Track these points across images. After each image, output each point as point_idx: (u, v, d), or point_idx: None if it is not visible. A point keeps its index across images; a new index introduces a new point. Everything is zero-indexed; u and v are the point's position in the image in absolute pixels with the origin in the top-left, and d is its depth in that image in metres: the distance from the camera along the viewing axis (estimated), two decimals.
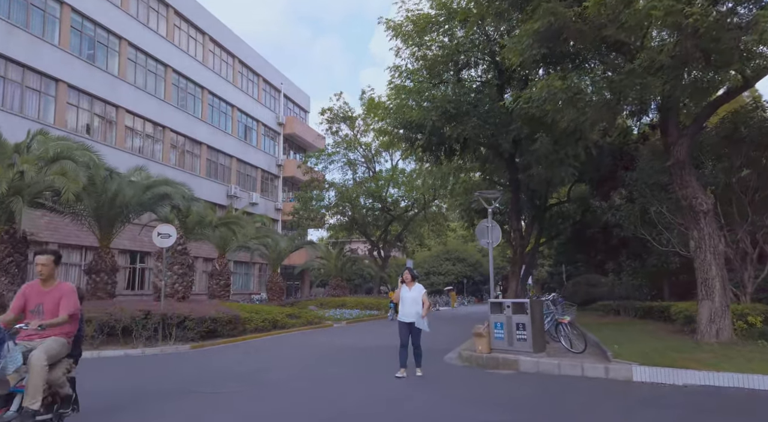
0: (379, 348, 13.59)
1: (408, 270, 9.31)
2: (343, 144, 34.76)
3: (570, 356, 10.44)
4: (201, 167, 33.52)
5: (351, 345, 14.36)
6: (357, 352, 12.92)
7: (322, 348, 13.92)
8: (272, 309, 19.20)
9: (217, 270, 24.15)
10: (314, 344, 14.75)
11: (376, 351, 12.96)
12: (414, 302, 9.03)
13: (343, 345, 14.38)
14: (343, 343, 14.81)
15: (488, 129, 16.97)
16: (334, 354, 12.55)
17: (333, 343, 14.84)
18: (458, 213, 34.26)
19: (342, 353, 12.85)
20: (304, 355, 12.38)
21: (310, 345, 14.56)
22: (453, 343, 14.46)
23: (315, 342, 15.15)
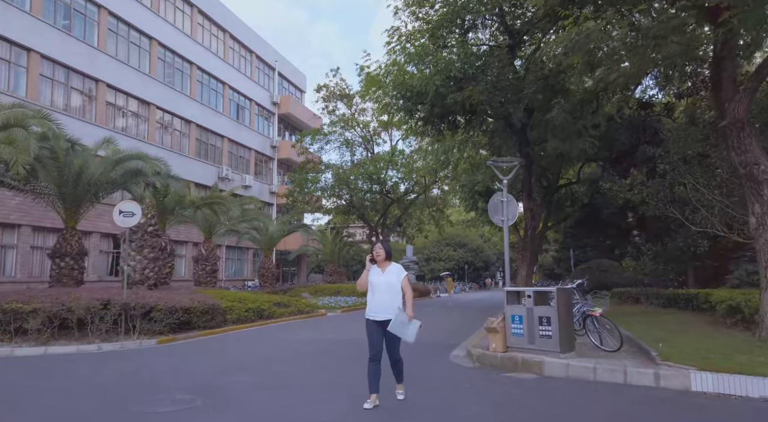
0: None
1: (380, 244, 6.30)
2: (339, 123, 32.61)
3: (604, 356, 8.51)
4: (190, 147, 31.47)
5: (342, 339, 12.45)
6: (347, 349, 11.01)
7: (308, 343, 12.01)
8: (259, 297, 17.29)
9: (203, 255, 22.23)
10: (300, 338, 12.84)
11: None
12: (389, 290, 6.06)
13: (334, 340, 12.47)
14: (333, 337, 12.89)
15: (498, 96, 14.93)
16: (320, 351, 10.64)
17: (322, 337, 12.92)
18: (460, 196, 32.28)
19: (330, 349, 10.94)
20: (285, 352, 10.46)
21: (295, 339, 12.65)
22: (459, 336, 12.56)
23: (302, 336, 13.24)
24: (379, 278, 6.11)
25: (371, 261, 6.19)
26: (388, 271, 6.16)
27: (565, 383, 7.46)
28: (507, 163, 10.75)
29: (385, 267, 6.18)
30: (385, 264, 6.19)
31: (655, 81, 17.68)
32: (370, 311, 6.13)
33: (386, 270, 6.16)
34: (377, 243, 6.33)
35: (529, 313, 8.62)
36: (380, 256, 6.16)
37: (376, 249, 6.21)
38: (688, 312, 15.06)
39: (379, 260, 6.17)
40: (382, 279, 6.09)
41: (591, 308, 9.24)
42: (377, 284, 6.08)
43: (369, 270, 6.17)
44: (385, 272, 6.15)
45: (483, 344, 10.26)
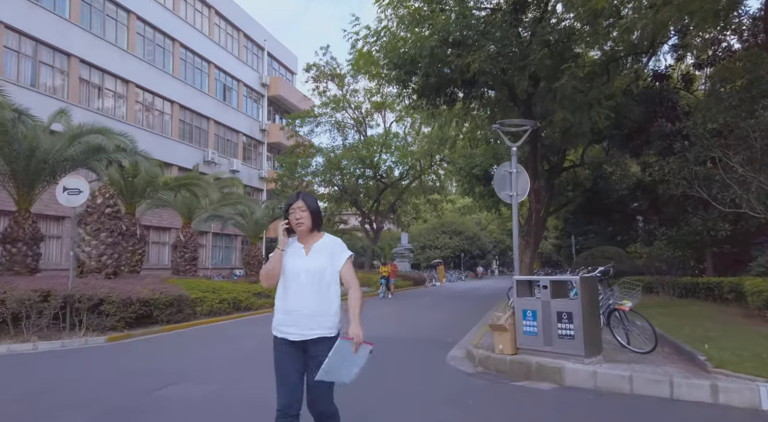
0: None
1: (302, 199, 3.33)
2: (330, 104, 30.73)
3: (637, 361, 6.88)
4: (173, 129, 29.59)
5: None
6: None
7: None
8: (237, 286, 15.61)
9: (182, 241, 20.48)
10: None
11: None
12: (317, 284, 3.27)
13: None
14: None
15: (501, 62, 13.17)
16: None
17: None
18: (457, 180, 30.62)
19: None
20: (252, 352, 8.79)
21: (270, 334, 10.94)
22: (457, 332, 10.92)
23: None
24: (298, 262, 3.28)
25: (287, 231, 3.32)
26: (317, 249, 3.31)
27: (593, 397, 5.82)
28: (516, 128, 9.03)
29: (312, 243, 3.33)
30: (310, 238, 3.34)
31: (672, 50, 15.96)
32: (281, 322, 3.31)
33: (313, 248, 3.31)
34: (297, 197, 3.36)
35: (545, 308, 6.95)
36: (302, 224, 3.27)
37: (295, 212, 3.29)
38: (710, 303, 13.48)
39: (300, 229, 3.30)
40: (304, 265, 3.26)
41: (618, 301, 7.57)
42: (294, 273, 3.26)
43: (281, 249, 3.29)
44: (310, 252, 3.30)
45: (486, 343, 8.61)
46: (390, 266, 23.28)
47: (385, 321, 13.70)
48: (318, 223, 3.37)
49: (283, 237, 3.31)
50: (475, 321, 13.21)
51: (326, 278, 3.28)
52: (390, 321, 13.71)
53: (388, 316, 14.84)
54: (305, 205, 3.31)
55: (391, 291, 22.99)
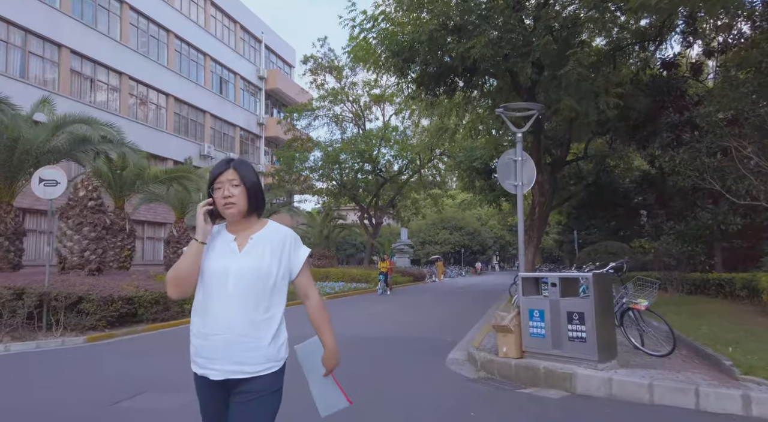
0: (354, 341, 9.42)
1: (233, 167, 2.21)
2: (328, 97, 30.03)
3: (655, 365, 6.26)
4: (168, 122, 28.94)
5: (303, 336, 10.15)
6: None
7: None
8: None
9: (174, 236, 19.86)
10: None
11: (346, 350, 8.78)
12: (248, 291, 2.18)
13: (302, 337, 10.14)
14: (302, 332, 10.58)
15: (503, 48, 12.50)
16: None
17: (292, 334, 10.60)
18: (458, 175, 29.96)
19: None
20: None
21: None
22: (457, 331, 10.30)
23: None
24: (225, 262, 2.22)
25: (210, 215, 2.25)
26: (256, 243, 2.26)
27: (609, 407, 5.20)
28: (521, 112, 8.37)
29: (249, 234, 2.27)
30: (246, 226, 2.29)
31: (681, 36, 15.28)
32: (198, 351, 2.26)
33: (250, 240, 2.26)
34: (227, 164, 2.25)
35: (553, 307, 6.32)
36: (233, 205, 2.20)
37: (224, 187, 2.21)
38: (721, 300, 12.85)
39: (229, 212, 2.22)
40: (234, 266, 2.20)
41: (633, 299, 6.95)
42: (218, 277, 2.20)
43: (201, 242, 2.23)
44: (246, 246, 2.25)
45: (489, 345, 8.00)
46: (387, 262, 22.65)
47: (382, 319, 13.09)
48: (258, 205, 2.27)
49: (205, 225, 2.20)
50: (477, 319, 12.61)
51: (267, 286, 2.21)
52: (387, 319, 13.11)
53: (386, 314, 14.23)
54: (239, 177, 2.19)
55: (389, 288, 22.39)
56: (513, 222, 52.39)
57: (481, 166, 24.98)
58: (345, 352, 6.61)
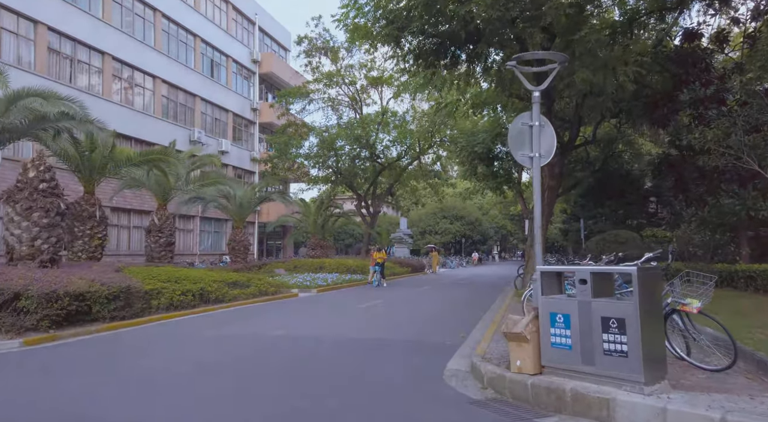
0: (336, 346, 7.98)
1: None
2: (322, 79, 28.36)
3: (713, 384, 4.79)
4: (156, 106, 27.36)
5: (291, 336, 8.72)
6: (288, 353, 7.30)
7: (240, 343, 8.28)
8: (208, 275, 13.54)
9: (156, 225, 18.40)
10: (234, 334, 9.08)
11: (323, 361, 7.38)
12: None
13: (279, 338, 8.71)
14: (283, 333, 9.13)
15: (510, 9, 10.93)
16: (241, 361, 6.89)
17: (266, 333, 9.14)
18: (458, 161, 28.45)
19: (261, 357, 7.21)
20: (188, 365, 6.72)
21: (227, 336, 8.89)
22: (456, 332, 8.82)
23: (241, 330, 9.49)
24: None
25: None
26: None
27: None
28: (538, 67, 6.82)
29: None
30: None
31: (704, 3, 13.68)
32: None
33: None
34: None
35: (583, 311, 4.83)
36: None
37: None
38: (751, 294, 11.40)
39: None
40: None
41: (681, 299, 5.46)
42: None
43: None
44: None
45: (496, 352, 6.55)
46: (383, 252, 21.14)
47: (374, 316, 11.63)
48: None
49: None
50: (479, 315, 11.16)
51: None
52: (379, 316, 11.65)
53: (378, 310, 12.77)
54: None
55: (384, 279, 20.95)
56: (515, 212, 50.85)
57: (483, 150, 23.46)
58: (322, 364, 5.18)
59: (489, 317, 10.95)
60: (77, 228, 14.10)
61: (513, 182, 26.69)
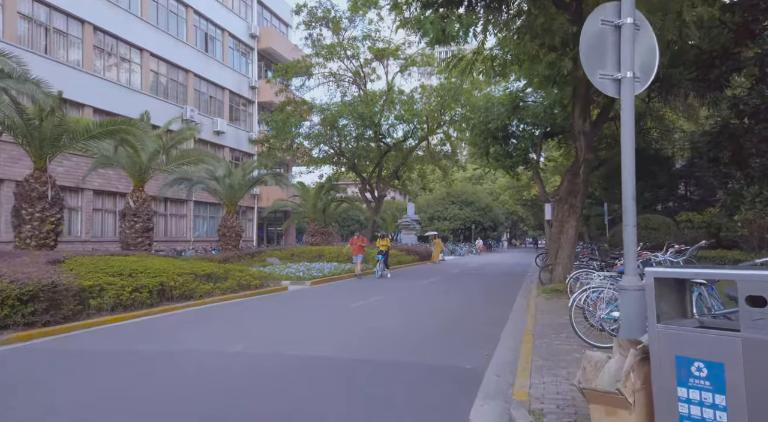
0: (309, 376, 5.57)
1: None
2: (322, 52, 25.72)
3: None
4: (144, 81, 24.94)
5: (256, 360, 6.31)
6: (232, 406, 4.89)
7: (168, 374, 5.89)
8: (174, 266, 11.16)
9: (131, 208, 16.08)
10: (177, 352, 6.71)
11: (293, 403, 4.93)
12: None
13: (240, 361, 6.32)
14: (248, 349, 6.72)
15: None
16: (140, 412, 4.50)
17: (222, 352, 6.73)
18: (470, 140, 25.81)
19: (177, 403, 4.79)
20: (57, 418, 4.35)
21: (162, 355, 6.52)
22: (478, 345, 6.35)
23: (187, 345, 7.11)
24: None
25: None
26: None
27: None
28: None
29: None
30: None
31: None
32: None
33: None
34: None
35: (758, 360, 2.36)
36: None
37: None
38: None
39: None
40: None
41: None
42: None
43: None
44: None
45: (548, 396, 4.09)
46: (359, 240, 18.13)
47: (370, 319, 9.22)
48: None
49: None
50: (503, 318, 8.73)
51: None
52: (376, 319, 9.24)
53: (376, 310, 10.37)
54: None
55: (388, 269, 18.53)
56: (528, 196, 48.07)
57: (499, 126, 20.84)
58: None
59: (517, 322, 8.52)
60: (25, 211, 11.81)
61: (530, 163, 24.03)
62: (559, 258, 10.93)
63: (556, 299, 10.65)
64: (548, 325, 7.66)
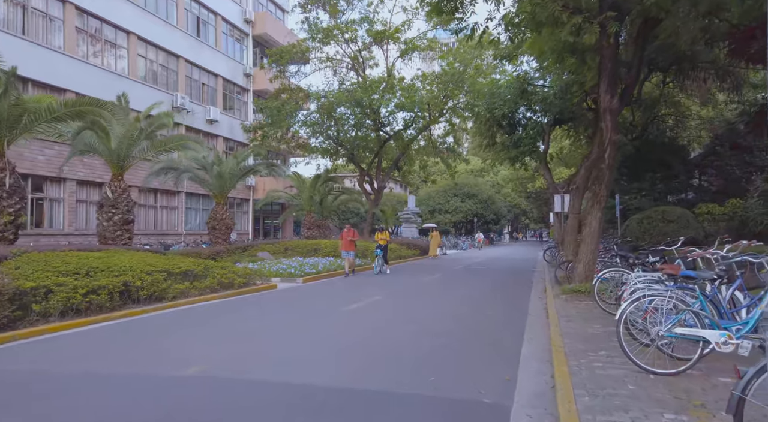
0: (286, 415, 4.16)
1: None
2: (317, 34, 24.14)
3: None
4: (131, 66, 23.46)
5: (212, 391, 4.89)
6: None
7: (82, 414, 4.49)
8: (142, 262, 9.73)
9: (109, 199, 14.67)
10: (103, 376, 5.32)
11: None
12: None
13: (192, 393, 4.92)
14: (206, 372, 5.32)
15: None
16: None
17: (171, 376, 5.32)
18: (474, 129, 24.37)
19: None
20: None
21: (90, 378, 5.14)
22: (493, 370, 4.92)
23: (128, 367, 5.72)
24: None
25: None
26: None
27: None
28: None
29: None
30: None
31: None
32: None
33: None
34: None
35: None
36: None
37: None
38: None
39: None
40: None
41: None
42: None
43: None
44: None
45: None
46: (349, 234, 15.82)
47: (366, 327, 7.83)
48: None
49: None
50: (520, 324, 7.33)
51: None
52: (372, 327, 7.85)
53: (373, 315, 8.98)
54: None
55: (387, 264, 17.12)
56: (533, 188, 46.55)
57: (506, 112, 19.37)
58: None
59: (536, 331, 7.13)
60: None
61: (536, 152, 22.54)
62: (581, 255, 9.52)
63: (576, 301, 9.26)
64: (578, 337, 6.26)
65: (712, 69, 16.23)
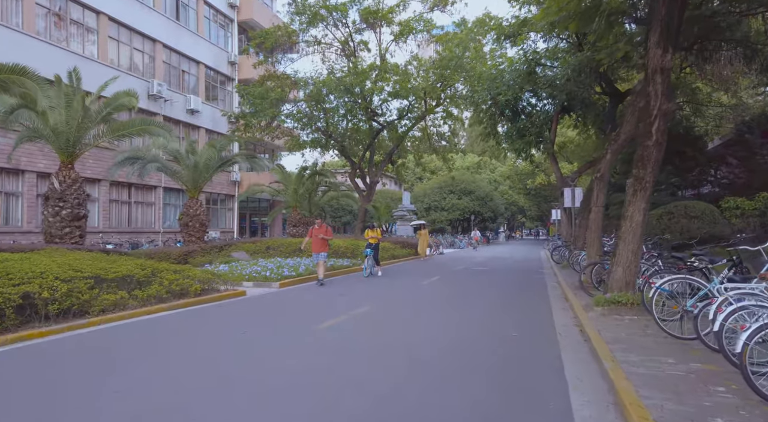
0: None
1: None
2: (304, 13, 21.90)
3: None
4: (100, 49, 21.17)
5: None
6: None
7: None
8: (63, 265, 7.52)
9: (56, 190, 12.47)
10: None
11: None
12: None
13: None
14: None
15: None
16: None
17: None
18: (474, 118, 22.23)
19: None
20: None
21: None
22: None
23: None
24: None
25: None
26: None
27: None
28: None
29: None
30: None
31: None
32: None
33: None
34: None
35: None
36: None
37: None
38: None
39: None
40: None
41: None
42: None
43: None
44: None
45: None
46: (320, 230, 12.40)
47: (346, 358, 5.67)
48: None
49: None
50: (552, 355, 5.16)
51: None
52: (354, 357, 5.69)
53: (357, 336, 6.82)
54: None
55: (379, 266, 14.96)
56: (532, 184, 44.31)
57: (510, 99, 17.25)
58: None
59: (581, 369, 4.98)
60: None
61: (543, 142, 20.36)
62: (619, 257, 7.39)
63: (617, 316, 7.13)
64: (656, 382, 4.13)
65: (740, 46, 14.27)
